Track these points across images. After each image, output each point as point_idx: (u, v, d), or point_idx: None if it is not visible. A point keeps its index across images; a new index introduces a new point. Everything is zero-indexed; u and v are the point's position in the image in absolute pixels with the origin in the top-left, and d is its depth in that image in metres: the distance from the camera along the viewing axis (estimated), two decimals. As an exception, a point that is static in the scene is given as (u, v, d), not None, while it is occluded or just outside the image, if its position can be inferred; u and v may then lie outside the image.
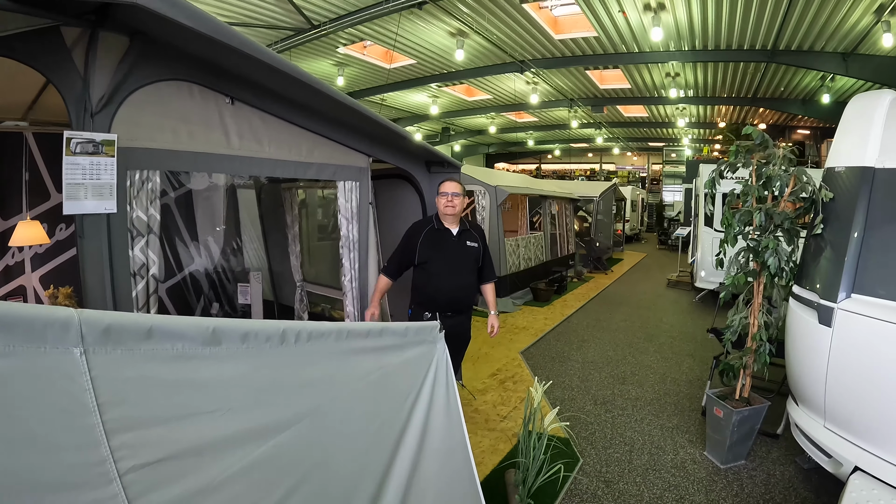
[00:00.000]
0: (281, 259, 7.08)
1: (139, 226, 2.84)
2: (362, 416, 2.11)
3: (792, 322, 4.05)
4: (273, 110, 3.47)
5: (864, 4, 11.24)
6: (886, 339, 3.22)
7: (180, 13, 2.41)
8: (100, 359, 1.32)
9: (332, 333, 1.97)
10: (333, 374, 2.00)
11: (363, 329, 2.18)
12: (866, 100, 4.07)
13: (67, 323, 1.27)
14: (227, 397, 1.62)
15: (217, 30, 2.52)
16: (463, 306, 4.32)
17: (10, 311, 1.19)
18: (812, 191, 4.08)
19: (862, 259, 3.56)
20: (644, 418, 5.47)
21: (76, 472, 1.27)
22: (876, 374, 3.34)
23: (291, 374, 1.83)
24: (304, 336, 1.84)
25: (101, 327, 1.32)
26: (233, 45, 2.62)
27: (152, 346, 1.44)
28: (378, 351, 2.18)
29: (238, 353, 1.64)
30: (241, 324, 1.67)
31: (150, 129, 2.85)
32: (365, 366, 2.12)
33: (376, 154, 4.38)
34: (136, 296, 2.86)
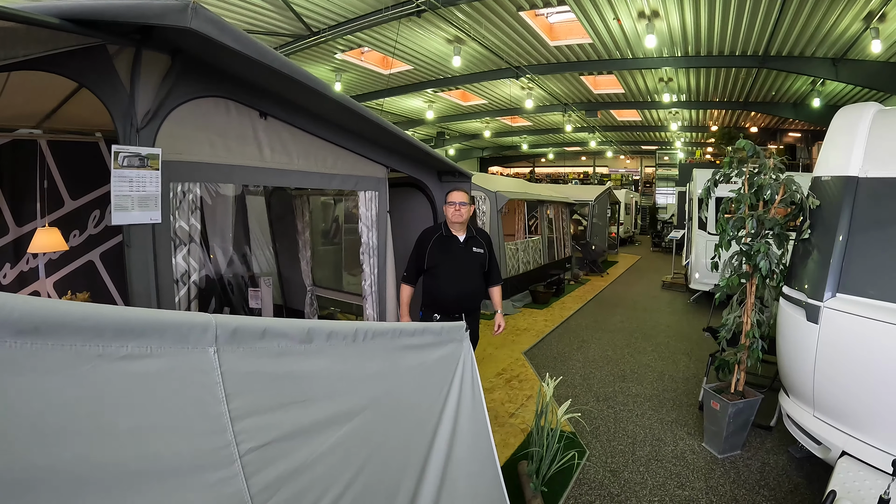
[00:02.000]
0: (290, 264, 7.30)
1: (181, 235, 3.04)
2: (408, 405, 2.40)
3: (782, 320, 4.31)
4: (301, 124, 3.70)
5: (853, 12, 11.53)
6: (869, 335, 3.49)
7: (228, 37, 2.62)
8: (227, 356, 1.57)
9: (389, 332, 2.28)
10: (388, 369, 2.27)
11: (410, 328, 2.47)
12: (851, 112, 4.34)
13: (206, 326, 1.52)
14: (313, 388, 1.88)
15: (261, 52, 2.74)
16: (470, 308, 4.56)
17: (163, 318, 1.42)
18: (800, 198, 4.36)
19: (846, 261, 3.83)
20: (644, 413, 5.72)
21: (207, 455, 1.50)
22: (859, 366, 3.61)
23: (359, 368, 2.11)
24: (370, 334, 2.14)
25: (230, 329, 1.58)
26: (274, 66, 2.84)
27: (264, 345, 1.70)
28: (420, 348, 2.48)
29: (323, 350, 1.92)
30: (326, 324, 1.95)
31: (191, 142, 3.05)
32: (410, 361, 2.41)
33: (393, 165, 4.63)
34: (179, 301, 3.06)
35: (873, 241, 3.80)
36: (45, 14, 2.09)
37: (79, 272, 6.20)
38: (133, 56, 2.74)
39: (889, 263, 3.67)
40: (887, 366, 3.40)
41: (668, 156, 36.61)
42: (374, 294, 4.67)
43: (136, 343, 1.34)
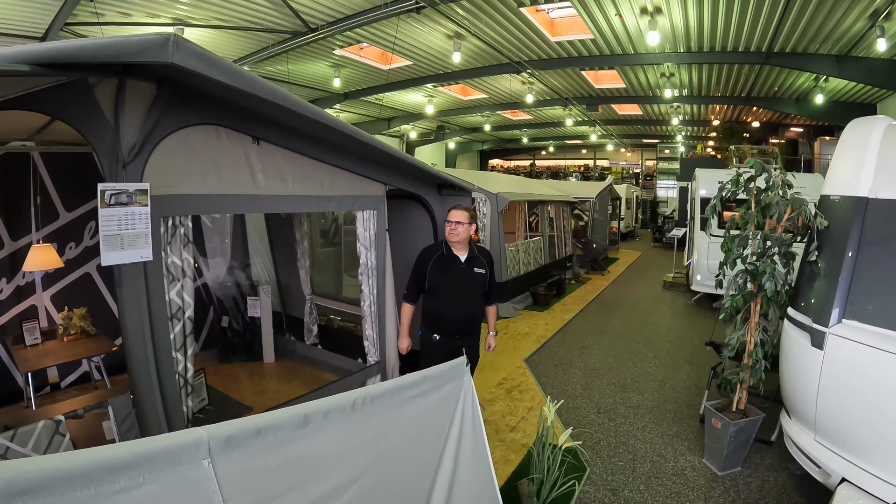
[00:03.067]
0: (289, 272, 7.23)
1: (174, 270, 2.98)
2: (409, 453, 2.42)
3: (786, 343, 4.24)
4: (295, 147, 3.60)
5: (858, 9, 11.41)
6: (874, 364, 3.42)
7: (215, 70, 2.52)
8: (222, 463, 1.59)
9: (388, 392, 2.30)
10: (388, 427, 2.29)
11: (410, 381, 2.47)
12: (861, 127, 4.22)
13: (199, 442, 1.54)
14: (313, 468, 1.91)
15: (251, 84, 2.64)
16: (470, 329, 4.50)
17: (152, 446, 1.44)
18: (808, 218, 4.26)
19: (854, 286, 3.74)
20: (645, 426, 5.67)
21: None
22: (864, 395, 3.54)
23: (358, 435, 2.12)
24: (369, 399, 2.18)
25: (223, 438, 1.60)
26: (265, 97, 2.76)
27: (260, 442, 1.71)
28: (420, 396, 2.50)
29: (321, 429, 1.94)
30: (323, 403, 1.97)
31: (181, 174, 2.96)
32: (410, 412, 2.43)
33: (392, 182, 4.54)
34: (174, 338, 3.01)
35: (882, 266, 3.71)
36: (14, 62, 1.99)
37: (76, 285, 6.16)
38: (116, 87, 2.64)
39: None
40: (894, 398, 3.33)
41: (669, 149, 36.51)
42: (374, 314, 4.60)
43: (129, 476, 1.36)
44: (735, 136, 25.10)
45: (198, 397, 4.90)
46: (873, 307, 3.66)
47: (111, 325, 5.93)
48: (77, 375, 6.20)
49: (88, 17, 12.49)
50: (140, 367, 2.84)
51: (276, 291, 7.53)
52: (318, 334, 7.09)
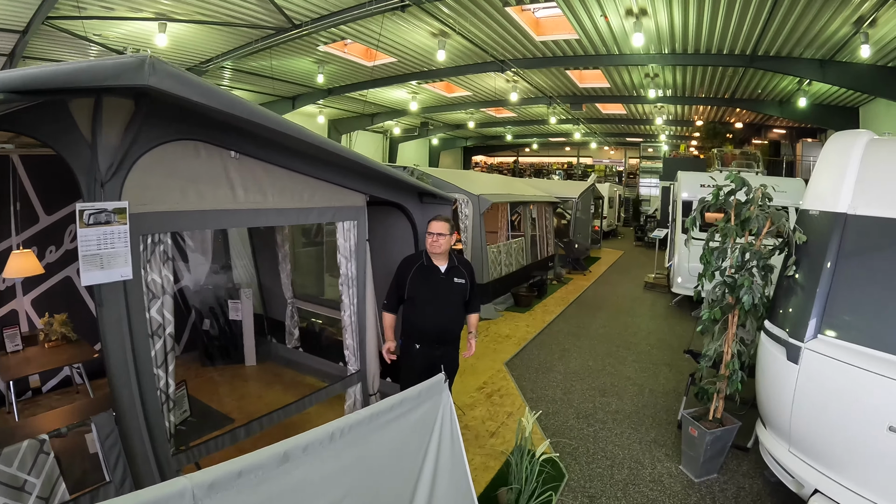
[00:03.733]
0: (271, 275, 7.20)
1: (154, 288, 2.95)
2: (388, 472, 2.51)
3: (762, 355, 4.30)
4: (275, 160, 3.58)
5: (843, 15, 11.52)
6: (848, 381, 3.48)
7: (192, 91, 2.50)
8: None
9: (366, 418, 2.36)
10: (367, 451, 2.36)
11: (388, 405, 2.53)
12: (843, 141, 4.27)
13: (182, 492, 1.60)
14: (295, 498, 1.99)
15: (230, 104, 2.63)
16: (450, 338, 4.53)
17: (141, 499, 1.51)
18: (787, 233, 4.31)
19: (830, 302, 3.80)
20: (624, 432, 5.73)
21: None
22: (837, 409, 3.60)
23: (337, 462, 2.20)
24: (348, 428, 2.24)
25: (207, 485, 1.66)
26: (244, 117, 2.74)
27: (242, 482, 1.78)
28: (399, 417, 2.57)
29: (301, 462, 2.01)
30: (303, 438, 2.04)
31: (160, 191, 2.92)
32: (389, 434, 2.50)
33: (372, 192, 4.52)
34: (155, 355, 2.99)
35: (859, 283, 3.77)
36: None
37: (56, 289, 6.10)
38: (93, 104, 2.60)
39: (873, 308, 3.65)
40: (865, 413, 3.40)
41: (652, 148, 36.78)
42: (355, 324, 4.59)
43: None
44: (718, 137, 25.31)
45: (179, 409, 4.86)
46: (849, 324, 3.73)
47: (92, 329, 5.86)
48: (58, 380, 6.15)
49: (70, 11, 12.32)
50: (122, 386, 2.83)
51: (257, 294, 7.50)
52: (300, 337, 7.07)
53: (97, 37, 14.34)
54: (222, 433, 3.77)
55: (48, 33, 13.74)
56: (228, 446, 3.78)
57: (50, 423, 3.94)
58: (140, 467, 2.95)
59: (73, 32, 13.60)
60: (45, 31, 13.52)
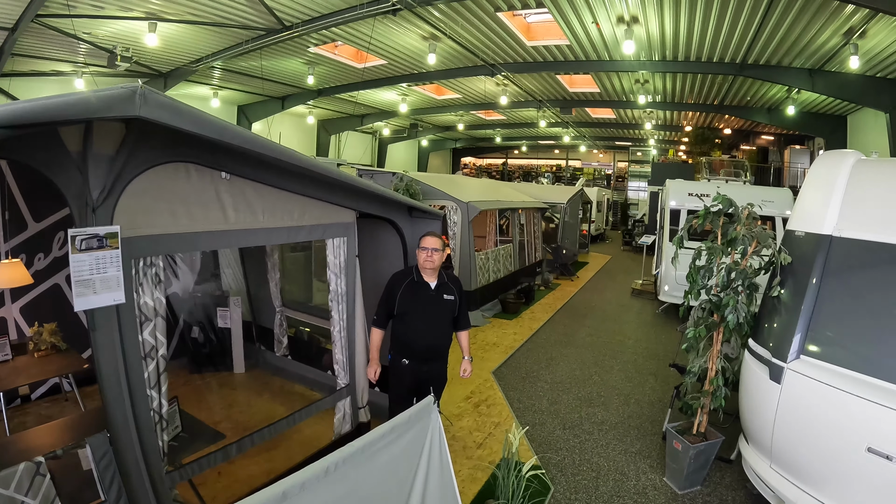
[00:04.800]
0: (259, 282, 7.19)
1: (146, 311, 2.97)
2: (381, 496, 2.59)
3: (746, 373, 4.37)
4: (265, 179, 3.59)
5: (833, 26, 11.66)
6: (828, 402, 3.55)
7: (184, 120, 2.52)
8: None
9: (359, 449, 2.42)
10: (359, 479, 2.42)
11: (379, 434, 2.59)
12: (830, 161, 4.34)
13: None
14: None
15: (222, 132, 2.66)
16: (438, 355, 4.57)
17: None
18: (772, 253, 4.37)
19: (813, 324, 3.87)
20: (609, 443, 5.79)
21: None
22: (817, 430, 3.68)
23: (331, 493, 2.25)
24: (342, 461, 2.29)
25: None
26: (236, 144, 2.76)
27: None
28: (389, 444, 2.63)
29: (299, 499, 2.05)
30: (300, 476, 2.08)
31: (151, 214, 2.94)
32: (379, 461, 2.55)
33: (362, 208, 4.55)
34: (148, 377, 3.01)
35: (842, 305, 3.84)
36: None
37: (45, 296, 6.06)
38: (83, 129, 2.60)
39: (856, 330, 3.72)
40: (845, 433, 3.47)
41: (641, 152, 36.96)
42: (344, 339, 4.62)
43: None
44: (707, 143, 25.48)
45: (171, 425, 4.87)
46: (831, 346, 3.80)
47: (81, 337, 5.81)
48: (47, 387, 6.12)
49: (60, 9, 12.24)
50: (116, 407, 2.85)
51: (246, 301, 7.49)
52: (289, 345, 7.08)
53: (87, 35, 14.25)
54: (214, 450, 3.78)
55: (37, 31, 13.64)
56: (220, 463, 3.80)
57: (43, 438, 3.96)
58: (134, 486, 2.97)
59: (62, 30, 13.52)
60: (34, 29, 13.42)
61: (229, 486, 4.47)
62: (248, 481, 4.44)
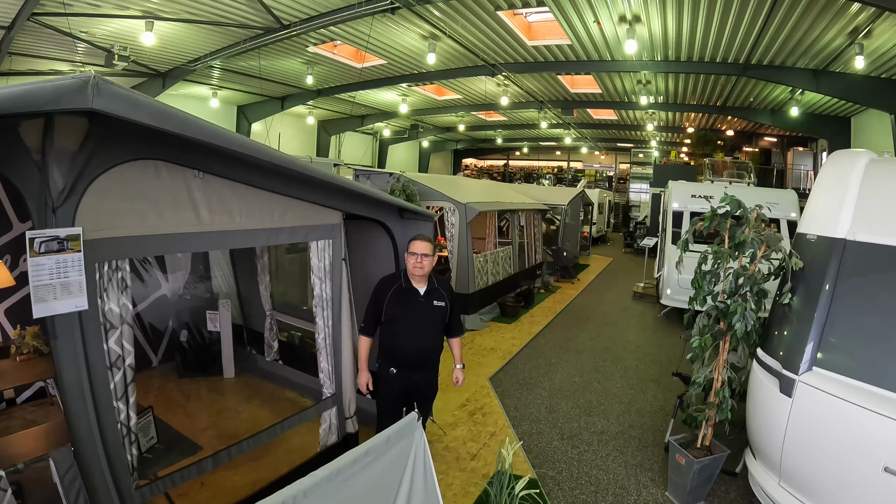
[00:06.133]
0: (250, 285, 6.99)
1: (112, 318, 2.77)
2: None
3: (754, 385, 4.14)
4: (242, 178, 3.37)
5: (838, 26, 11.52)
6: (843, 417, 3.32)
7: (142, 113, 2.32)
8: None
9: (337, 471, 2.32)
10: None
11: (356, 455, 2.46)
12: (842, 161, 4.11)
13: None
14: None
15: (185, 126, 2.45)
16: (428, 363, 4.33)
17: None
18: (782, 258, 4.14)
19: (826, 333, 3.64)
20: (609, 455, 5.56)
21: None
22: (830, 447, 3.45)
23: None
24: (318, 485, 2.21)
25: None
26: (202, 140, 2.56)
27: None
28: (370, 463, 2.52)
29: None
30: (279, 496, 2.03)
31: (116, 215, 2.74)
32: (359, 481, 2.45)
33: (348, 209, 4.31)
34: (115, 387, 2.82)
35: (857, 313, 3.61)
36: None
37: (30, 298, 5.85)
38: (43, 124, 2.41)
39: (872, 341, 3.49)
40: (860, 452, 3.25)
41: (643, 153, 36.80)
42: (329, 346, 4.39)
43: None
44: (709, 144, 25.35)
45: (146, 436, 4.69)
46: (846, 357, 3.57)
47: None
48: (33, 391, 5.93)
49: (56, 8, 12.13)
50: (79, 421, 2.68)
51: (236, 304, 7.29)
52: (279, 350, 6.88)
53: (84, 34, 14.16)
54: (188, 464, 3.57)
55: (34, 30, 13.57)
56: (196, 477, 3.59)
57: (25, 443, 3.96)
58: (101, 502, 2.80)
59: (59, 29, 13.40)
60: (30, 28, 13.35)
61: (214, 497, 4.27)
62: (233, 492, 4.25)
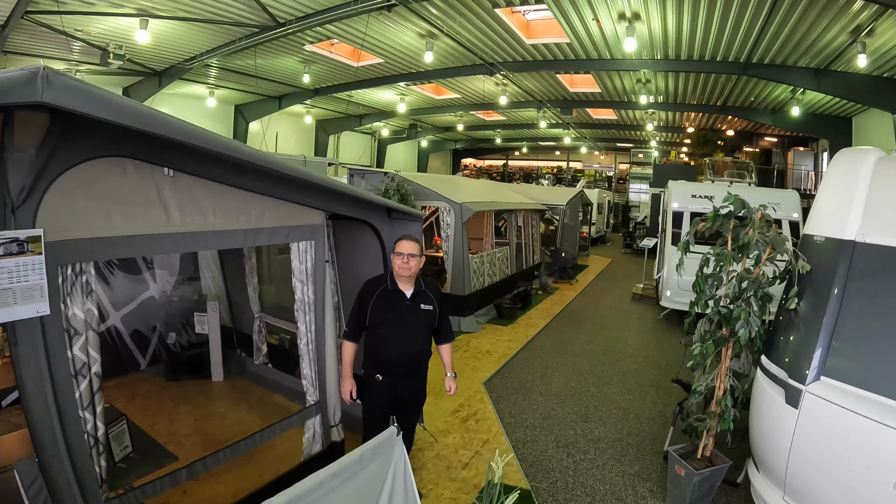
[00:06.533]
0: (239, 286, 6.80)
1: (76, 324, 2.61)
2: None
3: (758, 395, 3.96)
4: (217, 177, 3.17)
5: (840, 24, 11.39)
6: (853, 430, 3.14)
7: (97, 107, 2.15)
8: None
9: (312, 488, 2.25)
10: None
11: (332, 471, 2.38)
12: (850, 158, 3.94)
13: None
14: None
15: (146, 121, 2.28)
16: (415, 370, 4.12)
17: None
18: (789, 260, 3.96)
19: (835, 340, 3.45)
20: (606, 463, 5.38)
21: None
22: (839, 461, 3.27)
23: None
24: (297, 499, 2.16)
25: None
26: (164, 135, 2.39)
27: None
28: (346, 480, 2.44)
29: None
30: None
31: (80, 216, 2.57)
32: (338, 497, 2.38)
33: (332, 208, 4.10)
34: (80, 396, 2.65)
35: (869, 319, 3.43)
36: None
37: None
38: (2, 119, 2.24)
39: (883, 347, 3.30)
40: (870, 467, 3.06)
41: (642, 154, 36.71)
42: (313, 352, 4.19)
43: None
44: (709, 144, 25.22)
45: (120, 445, 4.50)
46: (856, 366, 3.38)
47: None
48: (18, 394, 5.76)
49: (49, 6, 12.01)
50: (43, 432, 2.53)
51: (225, 306, 7.11)
52: (269, 353, 6.69)
53: (79, 32, 14.05)
54: (162, 475, 3.39)
55: (29, 28, 13.45)
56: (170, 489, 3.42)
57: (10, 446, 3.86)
58: (69, 516, 2.64)
59: (53, 27, 13.27)
60: (25, 26, 13.24)
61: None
62: (213, 501, 4.12)
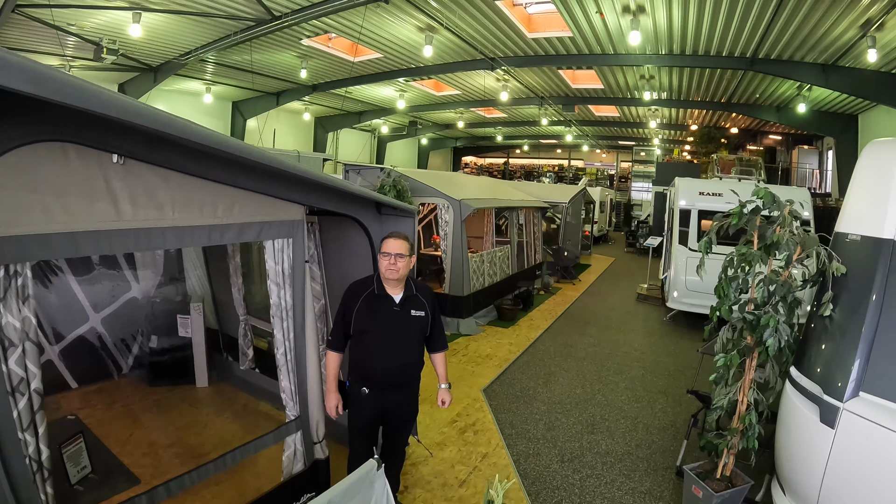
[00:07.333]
0: (225, 288, 6.42)
1: (10, 334, 2.25)
2: None
3: (787, 411, 3.57)
4: (177, 165, 2.76)
5: (850, 18, 11.08)
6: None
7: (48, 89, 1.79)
8: None
9: None
10: None
11: None
12: (882, 150, 3.58)
13: None
14: None
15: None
16: (405, 382, 3.73)
17: None
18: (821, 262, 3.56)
19: (876, 351, 3.07)
20: (615, 480, 4.99)
21: None
22: (880, 488, 2.88)
23: None
24: None
25: None
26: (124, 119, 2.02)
27: None
28: None
29: None
30: None
31: (14, 209, 2.19)
32: None
33: (313, 203, 3.68)
34: (19, 416, 2.30)
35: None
36: None
37: None
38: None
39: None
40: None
41: (645, 152, 36.44)
42: (291, 362, 3.78)
43: None
44: (713, 142, 24.92)
45: (76, 466, 4.13)
46: (901, 380, 3.00)
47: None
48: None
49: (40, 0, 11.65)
50: None
51: (210, 307, 6.73)
52: (256, 357, 6.31)
53: (72, 27, 13.76)
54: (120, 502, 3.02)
55: (20, 22, 13.12)
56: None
57: None
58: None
59: (45, 22, 12.92)
60: (16, 20, 12.93)
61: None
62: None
